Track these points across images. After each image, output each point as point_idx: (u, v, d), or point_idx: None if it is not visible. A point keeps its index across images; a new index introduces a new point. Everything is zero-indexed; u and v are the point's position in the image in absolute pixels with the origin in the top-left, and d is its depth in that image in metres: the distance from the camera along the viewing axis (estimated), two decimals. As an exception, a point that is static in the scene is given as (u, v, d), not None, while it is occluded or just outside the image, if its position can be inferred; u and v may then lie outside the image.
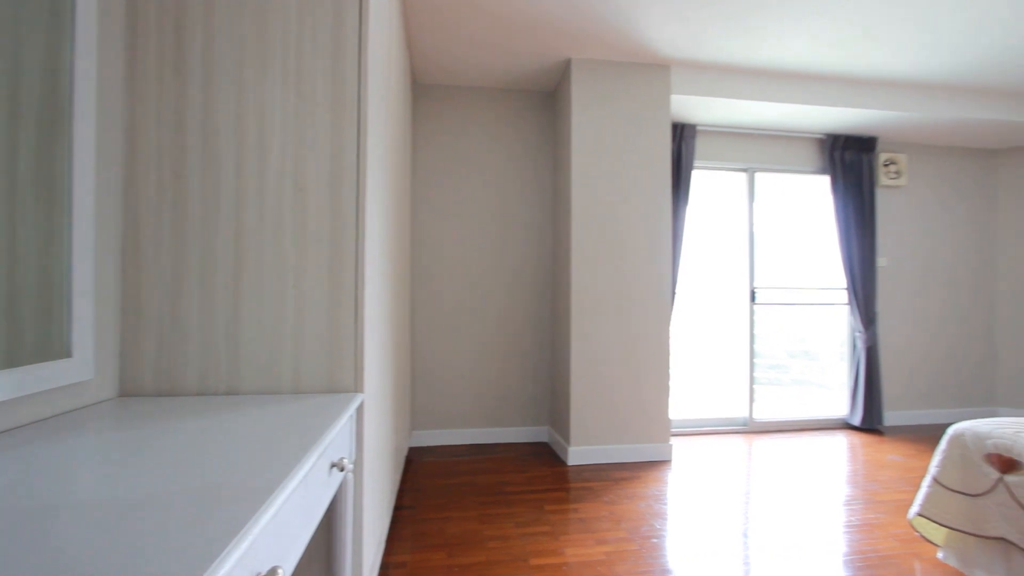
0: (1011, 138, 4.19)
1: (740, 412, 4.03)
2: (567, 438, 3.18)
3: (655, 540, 2.19)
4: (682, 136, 3.68)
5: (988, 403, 4.48)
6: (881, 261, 4.26)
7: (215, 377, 1.31)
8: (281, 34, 1.35)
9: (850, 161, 4.06)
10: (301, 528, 0.88)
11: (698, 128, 3.86)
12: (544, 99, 3.72)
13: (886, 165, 4.23)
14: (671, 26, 2.85)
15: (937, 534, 2.00)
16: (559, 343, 3.43)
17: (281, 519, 0.77)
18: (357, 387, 1.38)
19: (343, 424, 1.18)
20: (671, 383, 3.33)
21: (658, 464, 3.18)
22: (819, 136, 4.10)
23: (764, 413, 4.07)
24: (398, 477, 2.63)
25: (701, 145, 3.93)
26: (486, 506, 2.51)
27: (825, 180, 4.17)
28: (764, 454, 3.43)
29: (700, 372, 4.07)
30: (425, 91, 3.57)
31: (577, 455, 3.15)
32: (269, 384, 1.33)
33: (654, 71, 3.28)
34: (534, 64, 3.29)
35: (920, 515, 1.95)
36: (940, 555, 1.98)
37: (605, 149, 3.22)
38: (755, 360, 4.06)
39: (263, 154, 1.34)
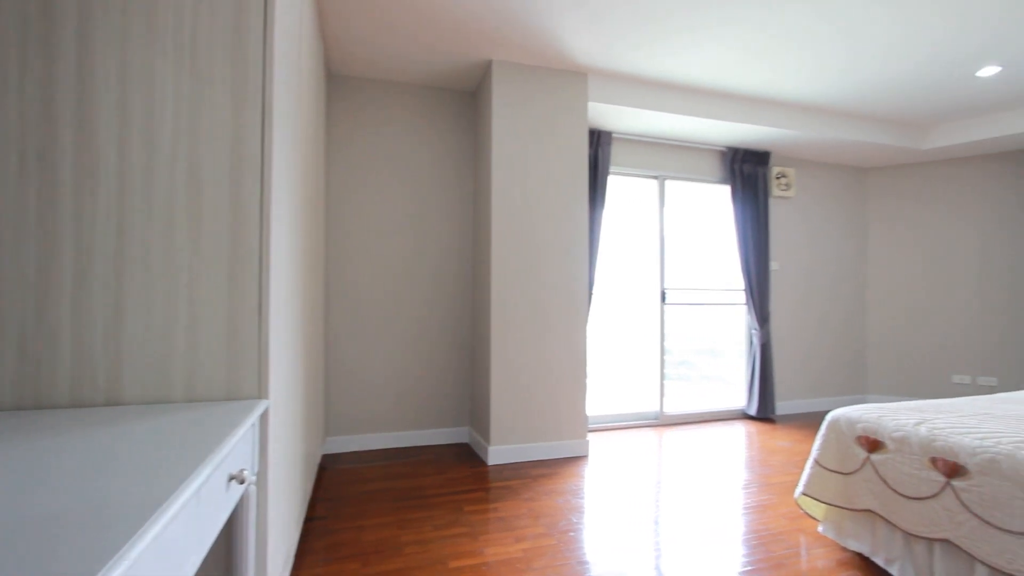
0: (877, 158, 4.77)
1: (652, 407, 4.24)
2: (487, 438, 3.19)
3: (572, 534, 2.25)
4: (599, 142, 3.82)
5: (860, 391, 5.06)
6: (774, 265, 4.67)
7: (92, 387, 1.17)
8: (173, 7, 1.23)
9: (748, 173, 4.42)
10: (193, 549, 0.81)
11: (614, 135, 4.02)
12: (466, 98, 3.70)
13: (778, 178, 4.65)
14: (586, 36, 2.94)
15: (818, 510, 2.22)
16: (479, 343, 3.43)
17: (167, 540, 0.70)
18: (261, 393, 1.30)
19: (244, 433, 1.10)
20: (588, 381, 3.44)
21: (576, 459, 3.27)
22: (721, 149, 4.43)
23: (674, 407, 4.32)
24: (310, 486, 2.50)
25: (616, 152, 4.10)
26: (404, 511, 2.45)
27: (726, 189, 4.51)
28: (673, 445, 3.63)
29: (615, 369, 4.25)
30: (341, 83, 3.43)
31: (497, 454, 3.16)
32: (158, 393, 1.21)
33: (573, 78, 3.38)
34: (455, 62, 3.27)
35: (804, 494, 2.16)
36: (820, 528, 2.20)
37: (525, 152, 3.27)
38: (666, 357, 4.30)
39: (151, 139, 1.21)
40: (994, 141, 4.22)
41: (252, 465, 1.23)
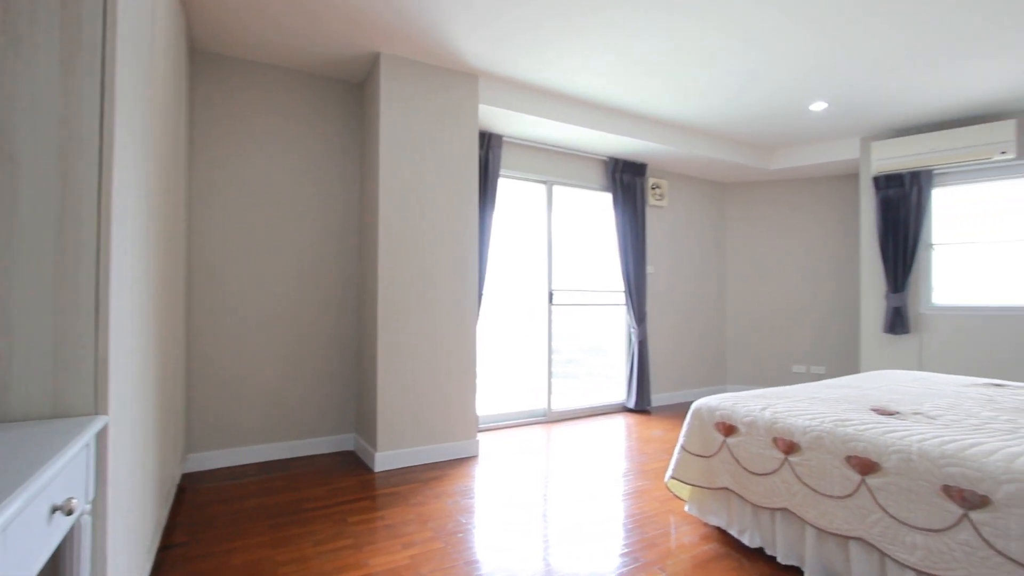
0: (734, 175, 5.38)
1: (540, 404, 4.38)
2: (374, 444, 3.07)
3: (461, 535, 2.24)
4: (489, 145, 3.87)
5: (721, 382, 5.66)
6: (650, 268, 5.06)
7: None
8: (-21, -49, 1.03)
9: (627, 182, 4.74)
10: (-5, 598, 0.67)
11: (504, 139, 4.09)
12: (352, 90, 3.55)
13: (653, 188, 5.05)
14: (476, 38, 2.96)
15: (684, 491, 2.43)
16: (365, 346, 3.29)
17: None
18: (99, 408, 1.12)
19: (74, 455, 0.94)
20: (478, 381, 3.46)
21: (466, 460, 3.27)
22: (604, 158, 4.71)
23: (561, 404, 4.49)
24: (166, 511, 2.23)
25: (507, 155, 4.18)
26: (280, 528, 2.28)
27: (608, 197, 4.80)
28: (560, 441, 3.78)
29: (505, 369, 4.32)
30: (209, 61, 3.11)
31: (384, 460, 3.06)
32: (-46, 413, 1.00)
33: (463, 79, 3.38)
34: (341, 51, 3.12)
35: (673, 478, 2.35)
36: (687, 508, 2.41)
37: (414, 149, 3.21)
38: (554, 356, 4.46)
39: (-55, 105, 1.00)
40: (822, 166, 4.96)
41: (86, 492, 1.06)
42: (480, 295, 3.75)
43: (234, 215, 3.15)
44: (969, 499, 1.46)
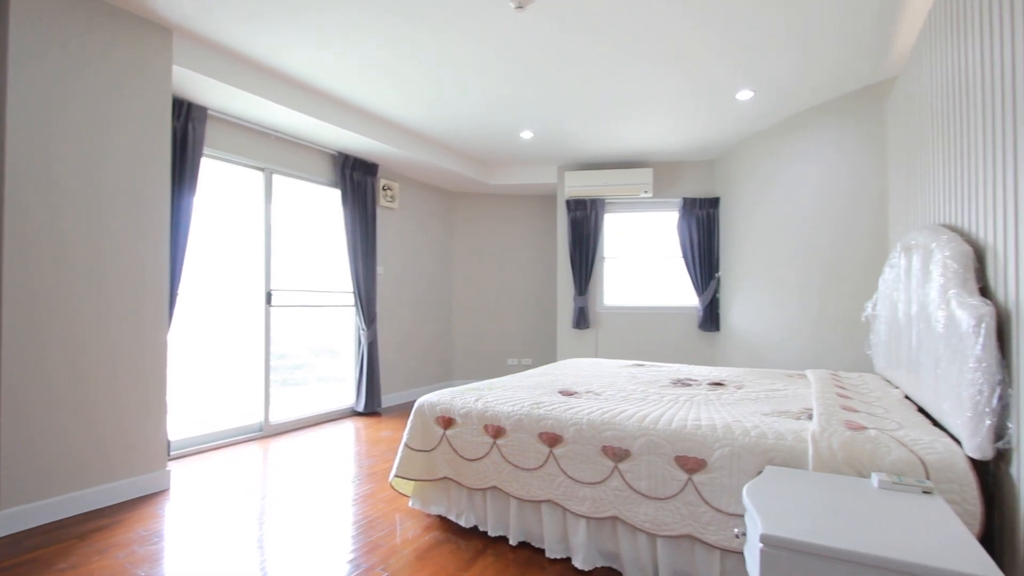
0: (462, 186, 5.82)
1: (256, 417, 3.90)
2: (-4, 501, 2.23)
3: (137, 593, 1.80)
4: (189, 116, 3.25)
5: (449, 378, 6.04)
6: (380, 269, 5.05)
7: None
8: None
9: (358, 180, 4.63)
10: None
11: (210, 112, 3.50)
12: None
13: (384, 189, 5.06)
14: (175, -14, 2.46)
15: (408, 487, 2.48)
16: (-14, 366, 2.36)
17: None
18: None
19: None
20: (169, 399, 2.86)
21: (152, 497, 2.67)
22: (333, 152, 4.49)
23: (282, 414, 4.08)
24: None
25: (215, 133, 3.59)
26: None
27: (337, 193, 4.60)
28: (280, 455, 3.43)
29: (210, 381, 3.69)
30: None
31: (14, 520, 2.25)
32: None
33: (150, 29, 2.76)
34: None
35: (397, 476, 2.38)
36: (411, 503, 2.46)
37: (68, 105, 2.46)
38: (278, 361, 4.02)
39: None
40: (531, 186, 5.80)
41: None
42: (174, 294, 3.11)
43: None
44: (618, 453, 1.87)
